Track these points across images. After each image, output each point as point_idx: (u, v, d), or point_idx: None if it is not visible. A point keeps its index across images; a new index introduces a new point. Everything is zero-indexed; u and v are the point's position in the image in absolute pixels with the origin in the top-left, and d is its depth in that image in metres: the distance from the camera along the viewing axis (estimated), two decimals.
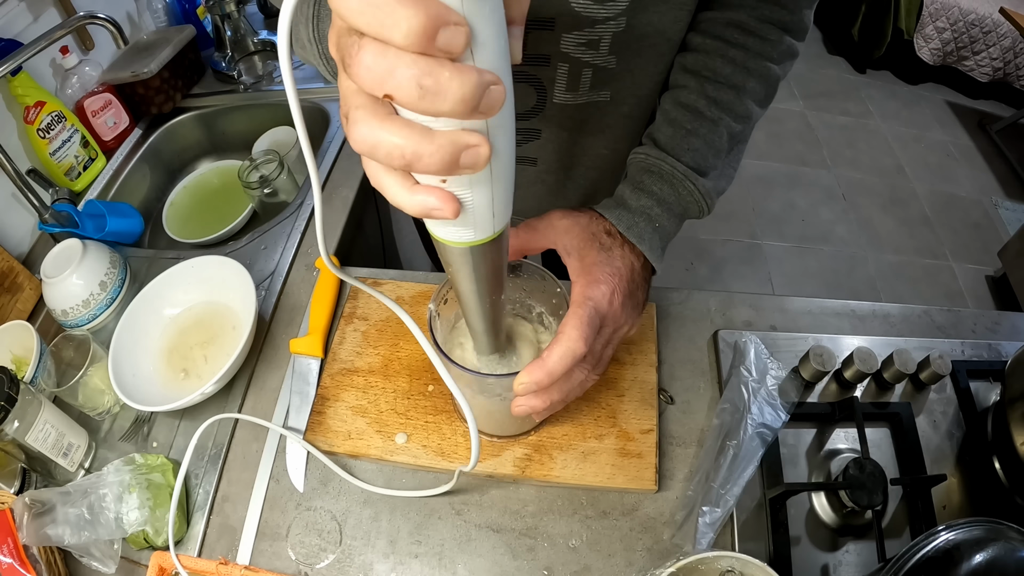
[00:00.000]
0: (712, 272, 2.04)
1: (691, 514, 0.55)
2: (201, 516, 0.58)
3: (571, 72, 0.54)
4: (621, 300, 0.45)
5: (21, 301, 0.76)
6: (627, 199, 0.50)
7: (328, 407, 0.62)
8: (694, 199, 0.50)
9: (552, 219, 0.49)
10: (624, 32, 0.50)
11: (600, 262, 0.46)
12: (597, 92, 0.56)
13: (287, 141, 1.02)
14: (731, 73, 0.50)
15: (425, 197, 0.24)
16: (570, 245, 0.47)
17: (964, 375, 0.63)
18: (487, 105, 0.20)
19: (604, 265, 0.46)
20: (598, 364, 0.47)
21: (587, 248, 0.47)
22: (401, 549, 0.55)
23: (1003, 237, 2.10)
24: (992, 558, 0.41)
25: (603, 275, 0.45)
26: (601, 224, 0.48)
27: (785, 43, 0.51)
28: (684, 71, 0.52)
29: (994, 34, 2.49)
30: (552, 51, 0.52)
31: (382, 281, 0.72)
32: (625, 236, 0.48)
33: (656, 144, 0.51)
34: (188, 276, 0.71)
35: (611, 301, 0.44)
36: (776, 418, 0.58)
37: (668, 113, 0.52)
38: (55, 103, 0.87)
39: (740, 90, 0.50)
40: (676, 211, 0.50)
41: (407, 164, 0.21)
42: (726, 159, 0.53)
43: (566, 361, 0.40)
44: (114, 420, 0.66)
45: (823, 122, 2.62)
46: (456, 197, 0.24)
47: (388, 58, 0.18)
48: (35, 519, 0.52)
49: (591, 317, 0.42)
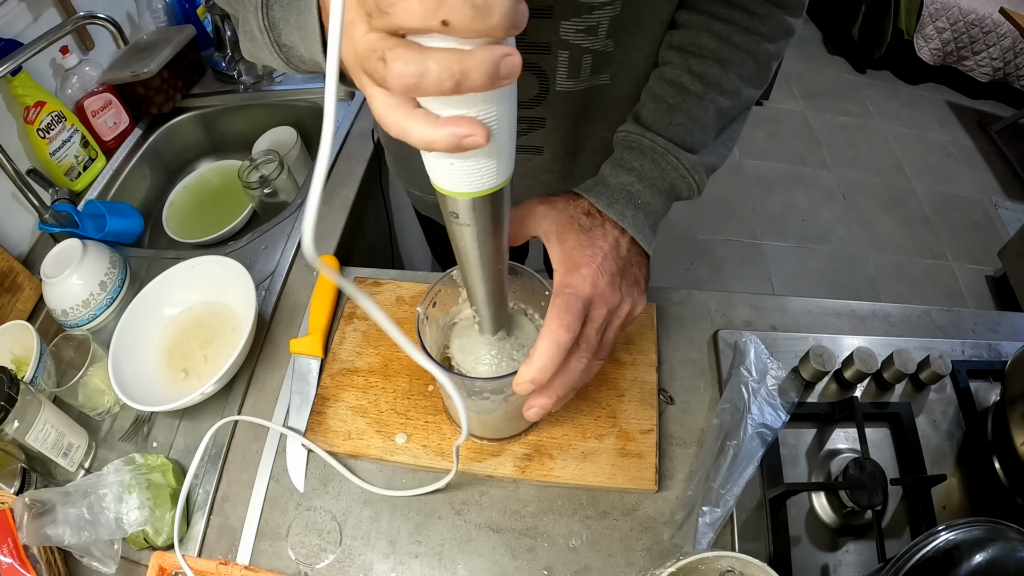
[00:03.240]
0: (712, 272, 2.04)
1: (691, 514, 0.55)
2: (201, 516, 0.58)
3: (572, 59, 0.54)
4: (608, 279, 0.44)
5: (21, 301, 0.76)
6: (607, 177, 0.49)
7: (328, 407, 0.62)
8: (679, 174, 0.49)
9: (530, 206, 0.48)
10: (620, 15, 0.50)
11: (580, 245, 0.45)
12: (597, 77, 0.56)
13: (287, 141, 1.02)
14: (716, 47, 0.50)
15: (455, 128, 0.25)
16: (549, 231, 0.47)
17: (964, 375, 0.63)
18: (520, 21, 0.22)
19: (584, 248, 0.45)
20: (599, 349, 0.46)
21: (566, 232, 0.46)
22: (401, 549, 0.55)
23: (1003, 237, 2.10)
24: (992, 558, 0.41)
25: (583, 258, 0.44)
26: (579, 205, 0.47)
27: (777, 18, 0.50)
28: (670, 48, 0.52)
29: (994, 34, 2.49)
30: (552, 39, 0.52)
31: (382, 281, 0.72)
32: (605, 214, 0.47)
33: (638, 120, 0.51)
34: (188, 276, 0.71)
35: (595, 283, 0.43)
36: (776, 418, 0.58)
37: (652, 90, 0.52)
38: (55, 103, 0.87)
39: (726, 64, 0.50)
40: (660, 187, 0.49)
41: (456, 84, 0.23)
42: (717, 137, 0.52)
43: (552, 353, 0.39)
44: (114, 420, 0.66)
45: (823, 122, 2.62)
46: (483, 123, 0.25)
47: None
48: (35, 519, 0.52)
49: (570, 304, 0.41)
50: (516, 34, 0.23)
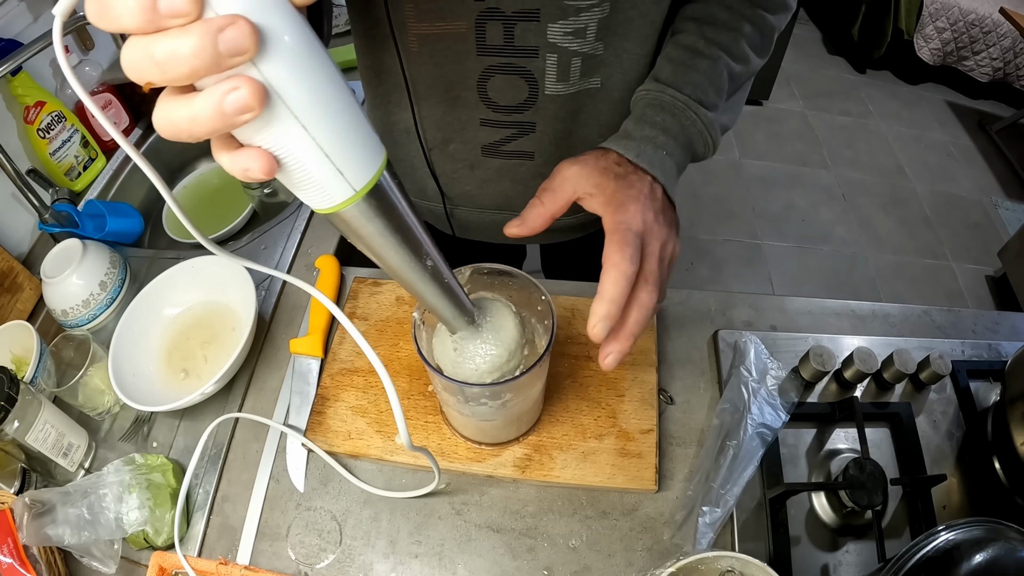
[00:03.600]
0: (712, 272, 2.04)
1: (691, 514, 0.55)
2: (201, 516, 0.58)
3: (560, 62, 0.54)
4: (653, 216, 0.45)
5: (21, 301, 0.76)
6: (631, 131, 0.50)
7: (328, 407, 0.62)
8: (697, 130, 0.51)
9: (561, 171, 0.48)
10: (609, 17, 0.51)
11: (619, 188, 0.46)
12: (587, 80, 0.57)
13: None
14: (727, 18, 0.53)
15: (242, 157, 0.24)
16: (587, 186, 0.47)
17: (964, 375, 0.63)
18: (230, 50, 0.19)
19: (625, 189, 0.45)
20: (660, 283, 0.45)
21: (604, 181, 0.46)
22: (401, 549, 0.55)
23: (1003, 237, 2.10)
24: (992, 558, 0.41)
25: (626, 197, 0.45)
26: (610, 157, 0.48)
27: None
28: (684, 18, 0.54)
29: (994, 34, 2.49)
30: (540, 42, 0.53)
31: (382, 281, 0.72)
32: (636, 163, 0.47)
33: (657, 80, 0.52)
34: (188, 276, 0.71)
35: (644, 218, 0.44)
36: (776, 418, 0.58)
37: (668, 54, 0.53)
38: (55, 103, 0.87)
39: (737, 32, 0.53)
40: (681, 141, 0.50)
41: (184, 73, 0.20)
42: (727, 101, 0.54)
43: (621, 284, 0.40)
44: (114, 420, 0.66)
45: (823, 122, 2.62)
46: (271, 154, 0.24)
47: (133, 48, 0.19)
48: (35, 519, 0.52)
49: (628, 238, 0.42)
50: (242, 61, 0.20)
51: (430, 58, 0.56)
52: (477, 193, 0.70)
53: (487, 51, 0.54)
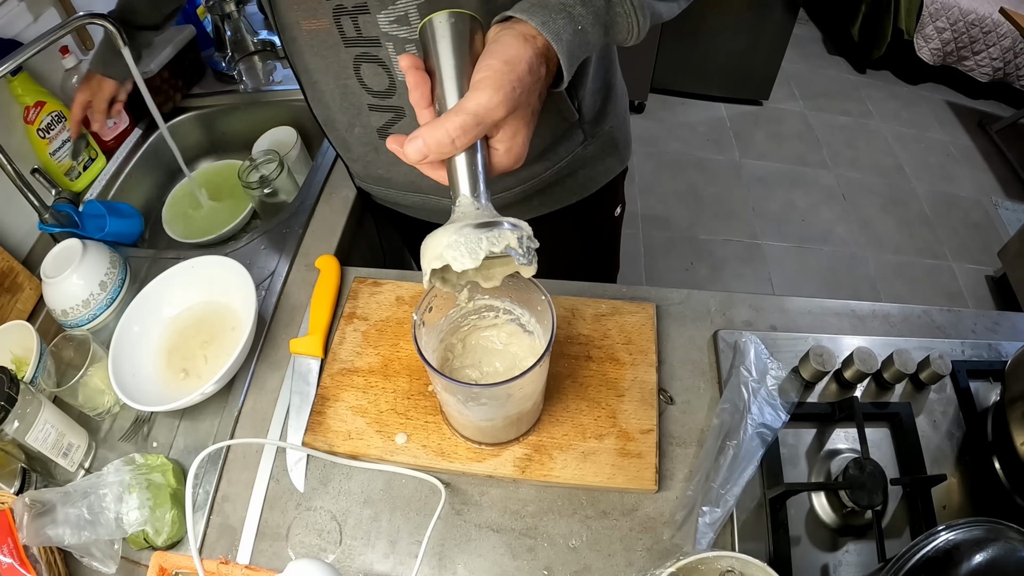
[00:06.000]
0: (712, 272, 2.04)
1: (691, 514, 0.55)
2: (201, 516, 0.58)
3: (398, 49, 0.56)
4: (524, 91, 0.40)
5: (21, 301, 0.76)
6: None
7: (328, 407, 0.62)
8: (624, 11, 0.45)
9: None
10: (426, 3, 0.51)
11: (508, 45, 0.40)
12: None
13: (287, 141, 1.02)
14: None
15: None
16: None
17: (964, 375, 0.63)
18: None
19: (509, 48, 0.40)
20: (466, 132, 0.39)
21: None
22: (401, 549, 0.55)
23: (1003, 237, 2.10)
24: (992, 558, 0.41)
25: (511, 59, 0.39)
26: (514, 29, 0.42)
27: None
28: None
29: (994, 34, 2.49)
30: (378, 32, 0.55)
31: (382, 281, 0.72)
32: (541, 32, 0.41)
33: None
34: (188, 276, 0.71)
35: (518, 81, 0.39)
36: (776, 418, 0.58)
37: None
38: (55, 103, 0.87)
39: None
40: (602, 19, 0.45)
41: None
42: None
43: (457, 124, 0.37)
44: (114, 420, 0.66)
45: (823, 122, 2.62)
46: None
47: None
48: (35, 519, 0.52)
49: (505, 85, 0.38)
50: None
51: (317, 51, 0.60)
52: (388, 176, 0.73)
53: (349, 43, 0.57)
